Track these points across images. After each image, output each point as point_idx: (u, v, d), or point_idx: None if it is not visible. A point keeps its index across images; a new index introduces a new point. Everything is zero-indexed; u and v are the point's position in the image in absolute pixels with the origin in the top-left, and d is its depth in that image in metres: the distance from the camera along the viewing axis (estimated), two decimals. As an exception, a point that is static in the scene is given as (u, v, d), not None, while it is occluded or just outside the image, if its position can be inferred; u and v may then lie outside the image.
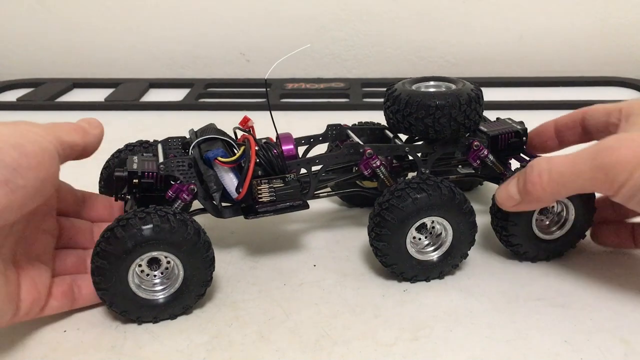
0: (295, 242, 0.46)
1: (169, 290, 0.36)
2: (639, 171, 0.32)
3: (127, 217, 0.34)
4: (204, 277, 0.36)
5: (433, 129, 0.42)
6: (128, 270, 0.34)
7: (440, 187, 0.38)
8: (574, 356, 0.33)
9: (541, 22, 0.96)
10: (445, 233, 0.40)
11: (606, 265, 0.42)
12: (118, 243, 0.33)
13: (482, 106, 0.43)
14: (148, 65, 0.99)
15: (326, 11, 0.96)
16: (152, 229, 0.33)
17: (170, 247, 0.34)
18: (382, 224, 0.38)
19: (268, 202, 0.40)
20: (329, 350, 0.34)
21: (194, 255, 0.35)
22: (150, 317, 0.36)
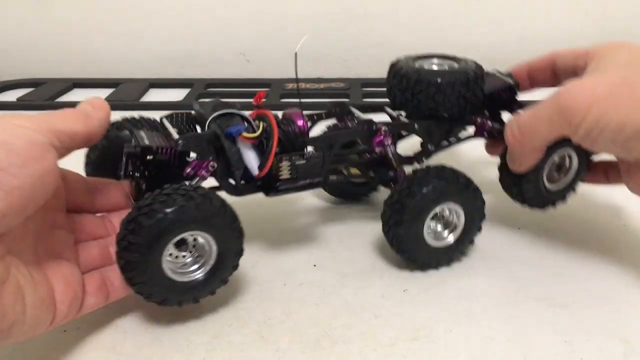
0: (295, 242, 0.46)
1: (206, 267, 0.35)
2: (592, 113, 0.35)
3: (148, 203, 0.32)
4: (236, 248, 0.35)
5: (443, 106, 0.43)
6: (161, 258, 0.33)
7: (457, 175, 0.39)
8: (574, 356, 0.33)
9: (541, 22, 0.96)
10: (458, 219, 0.41)
11: (606, 266, 0.42)
12: (145, 232, 0.31)
13: (484, 82, 0.44)
14: (148, 65, 0.99)
15: (326, 11, 0.96)
16: (178, 210, 0.32)
17: (200, 224, 0.33)
18: (401, 210, 0.38)
19: (288, 179, 0.39)
20: (329, 350, 0.34)
21: (224, 228, 0.34)
22: (191, 299, 0.35)
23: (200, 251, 0.35)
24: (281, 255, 0.44)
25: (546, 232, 0.47)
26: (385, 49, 0.98)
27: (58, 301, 0.31)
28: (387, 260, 0.43)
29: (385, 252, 0.44)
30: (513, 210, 0.51)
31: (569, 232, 0.47)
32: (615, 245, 0.45)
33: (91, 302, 0.34)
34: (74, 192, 0.37)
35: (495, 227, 0.48)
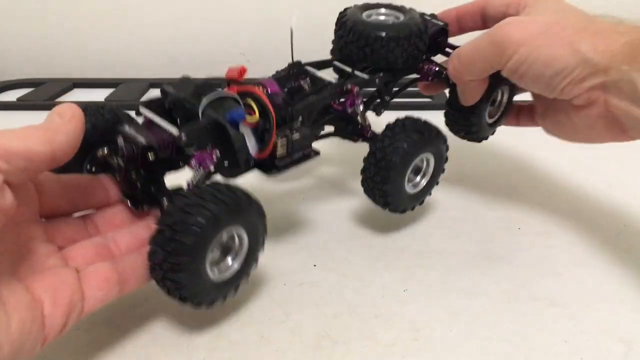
0: (295, 242, 0.46)
1: (239, 262, 0.34)
2: (523, 47, 0.38)
3: (189, 203, 0.30)
4: (263, 239, 0.36)
5: (391, 58, 0.45)
6: (206, 258, 0.31)
7: (428, 125, 0.42)
8: (574, 356, 0.33)
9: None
10: (428, 166, 0.44)
11: (606, 266, 0.42)
12: (194, 232, 0.30)
13: (425, 40, 0.46)
14: (148, 65, 0.99)
15: (326, 11, 0.96)
16: (220, 207, 0.31)
17: (238, 219, 0.32)
18: (388, 167, 0.40)
19: (284, 155, 0.39)
20: (329, 350, 0.34)
21: (255, 221, 0.34)
22: (221, 297, 0.34)
23: (232, 248, 0.34)
24: (281, 255, 0.44)
25: (546, 232, 0.47)
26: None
27: (48, 315, 0.29)
28: (387, 260, 0.43)
29: (385, 252, 0.44)
30: (513, 210, 0.51)
31: (569, 232, 0.47)
32: (615, 245, 0.45)
33: (99, 296, 0.31)
34: (48, 195, 0.34)
35: (495, 227, 0.48)
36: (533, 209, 0.51)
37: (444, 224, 0.49)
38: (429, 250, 0.44)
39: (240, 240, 0.34)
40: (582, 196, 0.54)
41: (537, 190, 0.55)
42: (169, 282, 0.31)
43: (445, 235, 0.47)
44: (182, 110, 0.37)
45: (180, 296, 0.32)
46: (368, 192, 0.43)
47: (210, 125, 0.36)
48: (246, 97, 0.38)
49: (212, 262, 0.33)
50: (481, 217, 0.50)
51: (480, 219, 0.49)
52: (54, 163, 0.29)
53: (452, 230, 0.47)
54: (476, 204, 0.52)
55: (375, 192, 0.42)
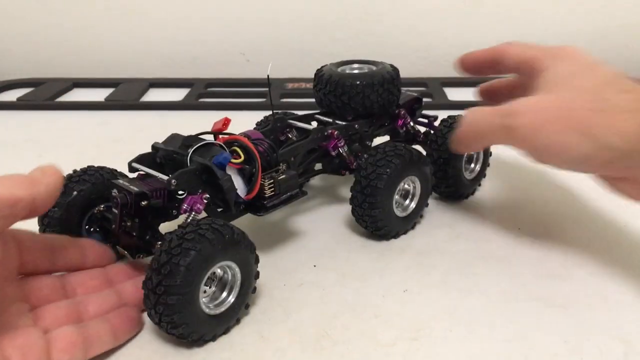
0: (295, 242, 0.46)
1: (234, 296, 0.35)
2: (536, 136, 0.37)
3: (177, 244, 0.32)
4: (255, 271, 0.36)
5: (366, 104, 0.48)
6: (199, 295, 0.32)
7: (410, 151, 0.44)
8: (574, 356, 0.33)
9: (541, 22, 0.96)
10: (415, 189, 0.46)
11: (606, 266, 0.42)
12: (183, 272, 0.31)
13: (398, 87, 0.50)
14: (148, 65, 0.99)
15: (326, 11, 0.96)
16: (209, 245, 0.32)
17: (228, 254, 0.34)
18: (374, 193, 0.42)
19: (272, 195, 0.40)
20: (329, 350, 0.34)
21: (246, 254, 0.35)
22: (222, 330, 0.35)
23: (226, 282, 0.35)
24: (281, 255, 0.44)
25: (546, 232, 0.47)
26: (386, 48, 0.98)
27: None
28: (387, 260, 0.43)
29: (385, 252, 0.44)
30: (513, 210, 0.51)
31: (568, 232, 0.47)
32: (615, 245, 0.45)
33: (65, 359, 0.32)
34: (28, 253, 0.35)
35: (495, 227, 0.48)
36: (533, 209, 0.51)
37: (444, 224, 0.49)
38: (429, 250, 0.44)
39: (232, 274, 0.35)
40: (582, 196, 0.54)
41: (537, 191, 0.55)
42: (165, 323, 0.32)
43: (445, 235, 0.47)
44: (172, 162, 0.40)
45: (179, 334, 0.33)
46: (359, 220, 0.45)
47: (198, 169, 0.38)
48: (232, 145, 0.40)
49: (207, 297, 0.34)
50: (481, 217, 0.50)
51: (480, 219, 0.49)
52: (34, 211, 0.31)
53: (452, 230, 0.47)
54: (476, 204, 0.52)
55: (366, 219, 0.44)
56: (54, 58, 0.99)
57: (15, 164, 0.63)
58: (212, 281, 0.35)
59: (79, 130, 0.74)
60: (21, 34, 0.98)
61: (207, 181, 0.38)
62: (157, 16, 0.97)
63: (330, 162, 0.48)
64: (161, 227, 0.39)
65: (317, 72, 0.51)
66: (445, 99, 0.85)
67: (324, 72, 0.50)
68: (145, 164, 0.40)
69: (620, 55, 0.98)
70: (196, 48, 0.98)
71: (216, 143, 0.40)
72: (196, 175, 0.38)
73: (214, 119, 0.45)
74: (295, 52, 0.98)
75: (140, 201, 0.36)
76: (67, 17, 0.97)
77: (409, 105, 0.53)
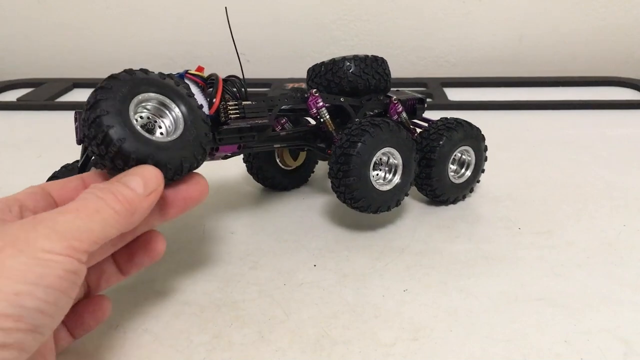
0: (295, 242, 0.46)
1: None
2: None
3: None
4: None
5: (347, 81, 0.49)
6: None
7: (387, 122, 0.44)
8: (574, 356, 0.33)
9: (541, 22, 0.96)
10: (397, 162, 0.46)
11: (606, 266, 0.42)
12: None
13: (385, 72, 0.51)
14: (148, 65, 0.99)
15: (326, 11, 0.96)
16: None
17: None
18: (348, 161, 0.42)
19: (238, 117, 0.41)
20: (329, 350, 0.34)
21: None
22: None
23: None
24: (281, 255, 0.44)
25: (546, 232, 0.47)
26: (386, 48, 0.98)
27: None
28: (387, 260, 0.43)
29: (385, 252, 0.44)
30: (513, 210, 0.51)
31: (568, 232, 0.47)
32: (615, 245, 0.45)
33: None
34: None
35: (495, 227, 0.48)
36: (533, 209, 0.51)
37: (444, 224, 0.49)
38: (429, 250, 0.45)
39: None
40: (582, 196, 0.54)
41: (537, 190, 0.55)
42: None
43: (445, 235, 0.47)
44: None
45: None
46: (337, 193, 0.44)
47: None
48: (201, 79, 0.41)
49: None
50: (481, 217, 0.50)
51: (480, 219, 0.49)
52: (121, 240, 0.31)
53: (452, 230, 0.47)
54: (476, 204, 0.52)
55: (342, 189, 0.43)
56: (54, 58, 0.99)
57: (15, 164, 0.63)
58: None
59: (79, 130, 0.74)
60: (21, 34, 0.98)
61: None
62: (157, 16, 0.97)
63: (316, 136, 0.48)
64: None
65: (309, 68, 0.52)
66: (445, 99, 0.85)
67: (316, 64, 0.51)
68: None
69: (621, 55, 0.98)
70: (196, 48, 0.98)
71: None
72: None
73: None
74: (296, 52, 0.98)
75: None
76: (67, 17, 0.97)
77: (410, 103, 0.53)
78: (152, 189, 0.30)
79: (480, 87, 0.93)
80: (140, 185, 0.29)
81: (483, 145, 0.51)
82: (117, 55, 0.99)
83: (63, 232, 0.26)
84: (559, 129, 0.73)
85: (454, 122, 0.49)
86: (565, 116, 0.79)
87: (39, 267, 0.24)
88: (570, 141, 0.69)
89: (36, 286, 0.24)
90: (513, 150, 0.65)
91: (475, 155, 0.51)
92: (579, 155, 0.64)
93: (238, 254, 0.44)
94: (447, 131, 0.48)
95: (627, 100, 0.85)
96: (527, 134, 0.72)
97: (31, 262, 0.24)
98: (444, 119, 0.50)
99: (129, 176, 0.30)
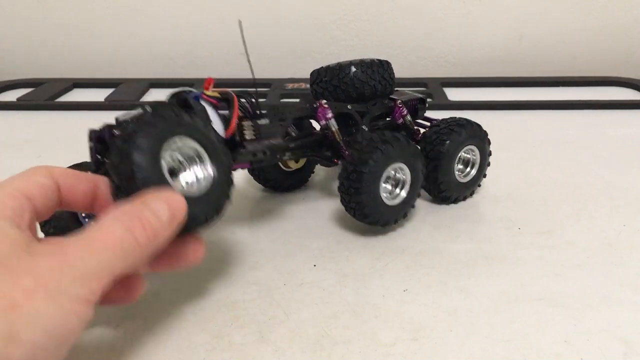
0: (295, 242, 0.46)
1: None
2: None
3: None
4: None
5: (353, 87, 0.49)
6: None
7: (398, 138, 0.44)
8: (574, 356, 0.33)
9: (541, 22, 0.96)
10: (404, 176, 0.46)
11: (606, 266, 0.42)
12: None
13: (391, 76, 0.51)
14: (148, 65, 0.99)
15: (326, 11, 0.96)
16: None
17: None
18: (359, 178, 0.42)
19: (254, 139, 0.40)
20: (329, 350, 0.34)
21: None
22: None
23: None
24: (281, 255, 0.44)
25: (546, 232, 0.47)
26: (386, 48, 0.98)
27: None
28: (387, 260, 0.43)
29: (385, 252, 0.44)
30: (513, 210, 0.51)
31: (568, 232, 0.47)
32: (615, 245, 0.45)
33: None
34: None
35: (495, 227, 0.48)
36: (533, 209, 0.51)
37: (444, 224, 0.49)
38: (429, 250, 0.44)
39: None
40: (582, 196, 0.54)
41: (537, 190, 0.55)
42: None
43: (445, 235, 0.47)
44: None
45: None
46: (347, 208, 0.45)
47: (173, 102, 0.38)
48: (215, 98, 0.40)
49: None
50: (481, 217, 0.50)
51: (480, 219, 0.49)
52: None
53: (452, 230, 0.47)
54: (476, 204, 0.52)
55: (352, 205, 0.44)
56: (54, 58, 0.99)
57: (15, 164, 0.63)
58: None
59: (79, 130, 0.74)
60: (21, 34, 0.98)
61: None
62: (157, 16, 0.97)
63: (321, 145, 0.48)
64: None
65: (312, 73, 0.51)
66: (445, 99, 0.85)
67: (321, 68, 0.51)
68: None
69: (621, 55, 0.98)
70: (196, 48, 0.98)
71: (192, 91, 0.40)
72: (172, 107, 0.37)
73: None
74: (295, 52, 0.98)
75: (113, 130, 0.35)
76: (67, 17, 0.97)
77: (411, 103, 0.54)
78: (176, 219, 0.28)
79: (480, 87, 0.93)
80: (166, 214, 0.27)
81: (488, 145, 0.52)
82: (117, 55, 0.99)
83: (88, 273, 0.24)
84: (559, 129, 0.73)
85: (461, 121, 0.50)
86: (565, 116, 0.79)
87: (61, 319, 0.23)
88: (570, 141, 0.69)
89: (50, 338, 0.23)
90: (513, 150, 0.65)
91: (480, 154, 0.51)
92: (579, 155, 0.64)
93: (238, 254, 0.44)
94: (453, 131, 0.49)
95: (627, 100, 0.85)
96: (527, 134, 0.72)
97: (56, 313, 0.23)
98: (451, 119, 0.51)
99: (155, 200, 0.27)
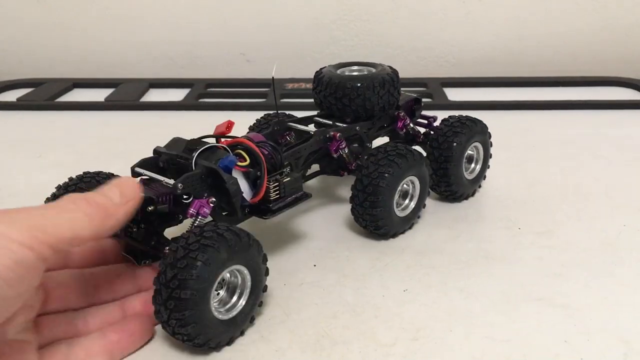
0: (295, 242, 0.46)
1: (245, 297, 0.35)
2: None
3: (196, 240, 0.31)
4: (264, 270, 0.36)
5: (366, 106, 0.48)
6: (210, 302, 0.32)
7: (412, 152, 0.44)
8: (574, 356, 0.33)
9: (541, 22, 0.96)
10: (414, 189, 0.46)
11: (606, 266, 0.42)
12: (192, 284, 0.31)
13: (397, 90, 0.50)
14: (148, 65, 0.99)
15: (326, 11, 0.96)
16: (229, 246, 0.32)
17: (236, 259, 0.33)
18: (375, 192, 0.42)
19: (278, 198, 0.40)
20: (328, 350, 0.34)
21: (254, 257, 0.35)
22: (238, 332, 0.35)
23: (235, 285, 0.35)
24: (281, 255, 0.44)
25: (546, 232, 0.47)
26: (386, 49, 0.98)
27: None
28: (387, 260, 0.43)
29: (385, 252, 0.44)
30: (513, 210, 0.51)
31: (568, 232, 0.47)
32: (615, 245, 0.45)
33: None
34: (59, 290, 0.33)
35: (495, 227, 0.48)
36: (533, 209, 0.51)
37: (444, 224, 0.49)
38: (429, 250, 0.44)
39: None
40: (582, 196, 0.54)
41: (537, 190, 0.55)
42: (181, 334, 0.32)
43: (445, 235, 0.47)
44: (175, 166, 0.39)
45: (196, 344, 0.32)
46: (358, 219, 0.45)
47: (204, 172, 0.37)
48: (236, 148, 0.40)
49: (219, 302, 0.34)
50: (481, 217, 0.50)
51: (480, 219, 0.49)
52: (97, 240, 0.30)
53: (452, 230, 0.47)
54: (476, 203, 0.52)
55: (365, 218, 0.44)
56: (54, 58, 0.99)
57: (15, 164, 0.63)
58: (222, 286, 0.34)
59: (79, 130, 0.74)
60: (21, 34, 0.98)
61: (212, 185, 0.37)
62: (157, 16, 0.97)
63: (329, 163, 0.48)
64: (166, 232, 0.38)
65: (317, 74, 0.51)
66: (445, 99, 0.85)
67: (324, 75, 0.49)
68: (148, 169, 0.39)
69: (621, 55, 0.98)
70: (196, 48, 0.98)
71: (220, 146, 0.39)
72: (202, 179, 0.37)
73: (214, 119, 0.45)
74: (295, 52, 0.98)
75: (147, 206, 0.35)
76: (67, 17, 0.97)
77: (408, 106, 0.53)
78: (128, 199, 0.31)
79: (480, 87, 0.93)
80: (117, 195, 0.30)
81: (489, 139, 0.52)
82: (117, 55, 0.99)
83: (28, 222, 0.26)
84: (559, 129, 0.73)
85: (463, 120, 0.50)
86: (565, 116, 0.79)
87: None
88: (570, 141, 0.69)
89: None
90: (513, 150, 0.65)
91: (483, 149, 0.52)
92: (579, 155, 0.64)
93: (238, 254, 0.44)
94: (459, 132, 0.49)
95: (627, 100, 0.85)
96: (527, 134, 0.72)
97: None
98: (451, 117, 0.51)
99: (108, 186, 0.31)
